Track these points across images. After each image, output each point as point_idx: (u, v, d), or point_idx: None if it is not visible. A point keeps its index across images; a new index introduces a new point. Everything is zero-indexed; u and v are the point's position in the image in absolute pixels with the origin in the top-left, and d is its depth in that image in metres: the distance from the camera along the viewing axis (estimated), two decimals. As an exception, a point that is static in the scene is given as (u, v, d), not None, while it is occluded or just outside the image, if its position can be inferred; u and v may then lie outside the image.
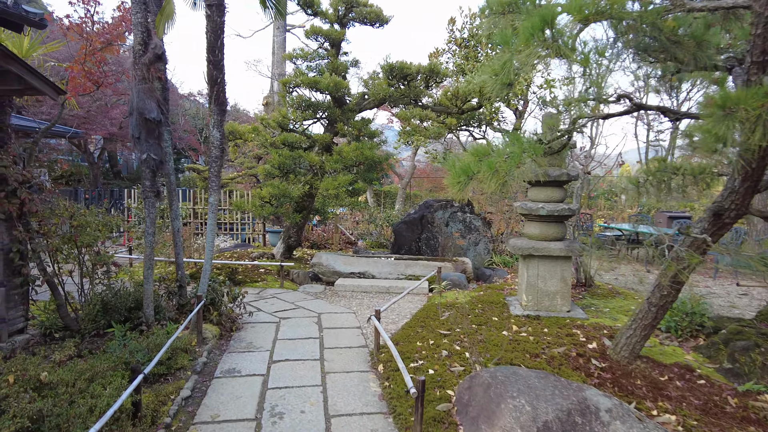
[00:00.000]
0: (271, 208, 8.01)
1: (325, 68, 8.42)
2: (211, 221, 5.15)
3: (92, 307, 5.10)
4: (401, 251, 9.50)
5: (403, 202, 17.65)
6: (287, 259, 9.34)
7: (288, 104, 8.53)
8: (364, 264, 8.25)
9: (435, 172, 28.21)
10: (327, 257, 8.34)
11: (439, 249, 9.21)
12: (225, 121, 5.07)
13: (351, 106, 8.52)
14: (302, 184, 8.06)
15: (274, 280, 8.08)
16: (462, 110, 7.72)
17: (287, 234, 9.23)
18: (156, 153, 4.82)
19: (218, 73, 4.86)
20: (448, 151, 16.07)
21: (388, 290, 7.58)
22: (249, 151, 13.84)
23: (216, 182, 5.05)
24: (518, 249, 5.81)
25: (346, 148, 7.90)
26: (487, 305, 6.13)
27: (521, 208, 5.94)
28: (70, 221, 4.93)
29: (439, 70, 7.60)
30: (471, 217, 9.29)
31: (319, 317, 6.06)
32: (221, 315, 5.63)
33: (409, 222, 9.38)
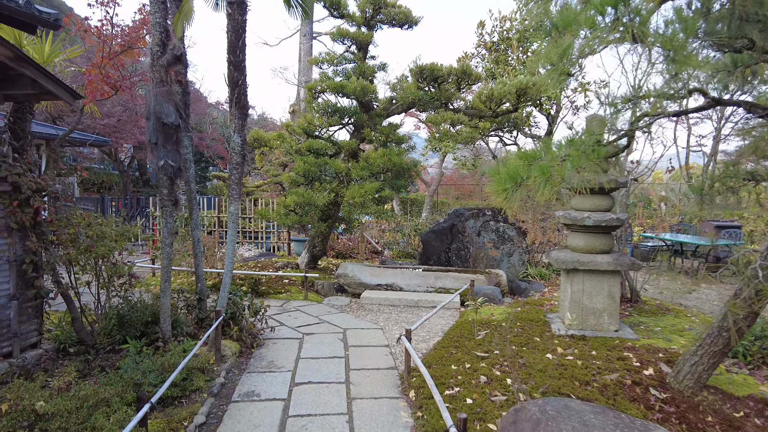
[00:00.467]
0: (296, 216, 7.72)
1: (352, 72, 8.12)
2: (231, 232, 4.86)
3: (108, 321, 4.86)
4: (430, 262, 9.08)
5: (430, 210, 17.21)
6: (312, 269, 9.03)
7: (313, 110, 8.26)
8: (391, 275, 7.86)
9: (462, 179, 27.65)
10: (353, 268, 7.99)
11: (470, 260, 8.75)
12: (246, 126, 4.79)
13: (378, 111, 8.19)
14: (327, 192, 7.75)
15: (298, 292, 7.77)
16: (496, 114, 7.28)
17: (312, 243, 8.93)
18: (174, 159, 4.57)
19: (239, 75, 4.59)
20: (477, 157, 15.59)
21: (416, 304, 7.16)
22: (275, 159, 13.68)
23: (237, 190, 4.76)
24: (561, 263, 5.33)
25: (374, 154, 7.56)
26: (526, 323, 5.65)
27: (564, 218, 5.46)
28: (86, 231, 4.72)
29: (471, 72, 7.20)
30: (504, 227, 8.81)
31: (345, 333, 5.69)
32: (242, 330, 5.32)
33: (438, 231, 8.96)
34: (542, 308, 6.42)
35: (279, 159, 13.46)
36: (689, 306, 7.37)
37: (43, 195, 4.48)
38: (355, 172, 7.62)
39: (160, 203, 4.66)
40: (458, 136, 7.02)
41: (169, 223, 4.70)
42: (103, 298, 5.19)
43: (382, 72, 8.19)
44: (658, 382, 4.02)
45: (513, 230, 8.84)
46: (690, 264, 11.14)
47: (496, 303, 7.13)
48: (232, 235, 4.86)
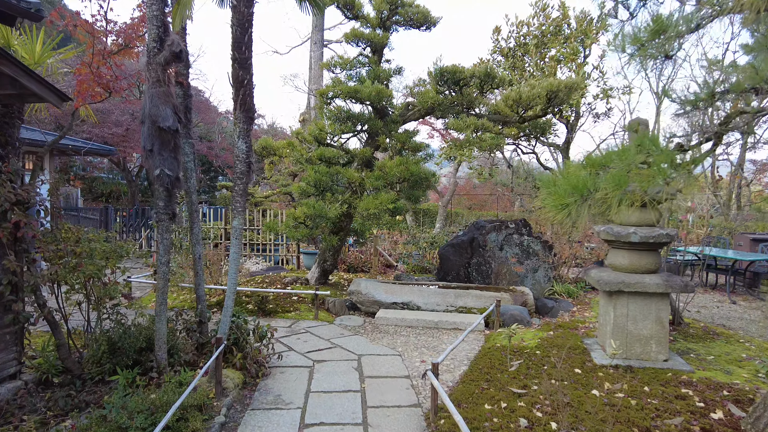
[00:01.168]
0: (306, 229, 7.21)
1: (366, 76, 7.65)
2: (234, 248, 4.35)
3: (97, 347, 4.36)
4: (448, 277, 8.50)
5: (444, 222, 16.64)
6: (322, 285, 8.49)
7: (325, 116, 7.78)
8: (407, 293, 7.30)
9: (473, 189, 27.05)
10: (366, 285, 7.44)
11: (491, 276, 8.16)
12: (253, 132, 4.29)
13: (394, 117, 7.69)
14: (340, 204, 7.24)
15: (308, 310, 7.23)
16: (523, 119, 6.76)
17: (323, 257, 8.40)
18: (171, 168, 4.08)
19: (245, 74, 4.11)
20: (494, 166, 15.02)
21: (436, 325, 6.59)
22: (285, 169, 13.23)
23: (241, 202, 4.26)
24: (604, 284, 4.74)
25: (389, 163, 7.04)
26: (563, 351, 5.06)
27: (606, 234, 4.88)
28: (73, 248, 4.23)
29: (495, 75, 6.69)
30: (529, 240, 8.22)
31: (360, 361, 5.14)
32: (246, 358, 4.78)
33: (457, 245, 8.39)
34: (577, 332, 5.82)
35: (288, 168, 13.01)
36: (734, 328, 6.72)
37: (26, 208, 4.02)
38: (370, 182, 7.11)
39: (156, 217, 4.16)
40: (482, 142, 6.50)
41: (166, 238, 4.20)
42: (96, 320, 4.71)
43: (398, 76, 7.69)
44: (732, 429, 3.42)
45: (538, 244, 8.25)
46: (724, 280, 10.46)
47: (524, 325, 6.54)
48: (235, 252, 4.35)
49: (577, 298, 8.15)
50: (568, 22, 15.04)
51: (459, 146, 6.49)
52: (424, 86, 7.53)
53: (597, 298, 8.23)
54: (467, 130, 6.38)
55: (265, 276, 9.01)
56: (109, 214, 11.80)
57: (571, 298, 8.15)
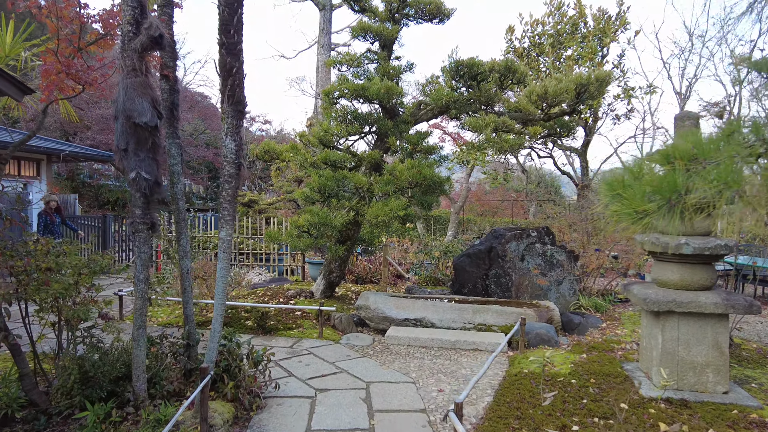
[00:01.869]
0: (310, 239, 6.63)
1: (374, 73, 7.09)
2: (222, 264, 3.77)
3: (66, 376, 3.80)
4: (463, 290, 7.86)
5: (456, 229, 15.99)
6: (328, 298, 7.90)
7: (331, 117, 7.22)
8: (420, 308, 6.67)
9: (485, 195, 26.36)
10: (375, 299, 6.82)
11: (512, 289, 7.51)
12: (242, 127, 3.72)
13: (405, 117, 7.10)
14: (346, 211, 6.66)
15: (312, 327, 6.63)
16: (548, 116, 6.14)
17: (328, 269, 7.81)
18: (149, 170, 3.52)
19: (233, 61, 3.55)
20: (509, 171, 14.37)
21: (453, 345, 5.95)
22: (290, 175, 12.70)
23: (229, 210, 3.68)
24: (651, 303, 4.08)
25: (400, 166, 6.45)
26: (602, 379, 4.40)
27: (651, 244, 4.23)
28: (39, 262, 3.69)
29: (516, 68, 6.09)
30: (552, 250, 7.57)
31: (368, 390, 4.51)
32: (238, 387, 4.19)
33: (473, 255, 7.76)
34: (614, 355, 5.15)
35: (294, 174, 12.48)
36: (788, 348, 6.00)
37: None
38: (379, 187, 6.52)
39: (132, 227, 3.60)
40: (503, 143, 5.89)
41: (143, 252, 3.63)
42: (69, 343, 4.15)
43: (409, 73, 7.12)
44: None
45: (563, 254, 7.59)
46: (761, 291, 9.69)
47: (552, 345, 5.89)
48: (223, 268, 3.76)
49: (605, 313, 7.46)
50: (584, 20, 14.42)
51: (477, 148, 5.88)
52: (437, 83, 6.95)
53: (628, 313, 7.54)
54: (486, 129, 5.77)
55: (267, 288, 8.43)
56: (107, 223, 11.33)
57: (599, 313, 7.46)
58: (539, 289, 7.56)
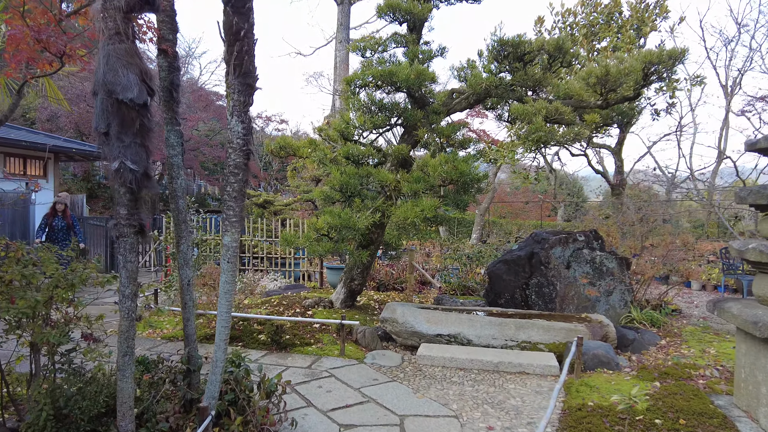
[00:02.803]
0: (330, 243, 5.90)
1: (403, 57, 6.34)
2: (226, 278, 3.04)
3: (38, 412, 3.11)
4: (499, 300, 7.05)
5: (481, 232, 15.14)
6: (349, 308, 7.16)
7: (352, 108, 6.49)
8: (454, 322, 5.88)
9: (507, 196, 25.39)
10: (403, 311, 6.06)
11: (556, 300, 6.68)
12: (252, 105, 2.99)
13: (436, 107, 6.34)
14: (371, 211, 5.91)
15: (333, 342, 5.90)
16: (607, 102, 5.32)
17: (349, 276, 7.07)
18: (136, 160, 2.82)
19: (241, 22, 2.82)
20: (540, 170, 13.49)
21: (496, 368, 5.16)
22: (308, 174, 12.01)
23: (235, 209, 2.95)
24: (758, 325, 3.24)
25: (432, 161, 5.69)
26: (693, 419, 3.56)
27: (754, 253, 3.39)
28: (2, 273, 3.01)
29: (567, 48, 5.28)
30: (602, 257, 6.71)
31: (403, 426, 3.75)
32: (247, 424, 3.46)
33: (511, 262, 6.94)
34: (694, 384, 4.30)
35: (312, 173, 11.79)
36: None
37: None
38: (407, 186, 5.76)
39: (115, 230, 2.90)
40: (555, 135, 5.07)
41: (130, 261, 2.92)
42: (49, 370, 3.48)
43: (440, 58, 6.35)
44: None
45: (613, 261, 6.73)
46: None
47: (611, 368, 5.05)
48: (227, 282, 3.04)
49: (662, 327, 6.58)
50: (619, 9, 13.49)
51: (526, 138, 5.07)
52: (473, 68, 6.16)
53: (689, 328, 6.65)
54: (537, 117, 4.97)
55: (282, 296, 7.72)
56: (115, 225, 10.74)
57: (655, 328, 6.59)
58: (586, 301, 6.72)
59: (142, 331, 6.58)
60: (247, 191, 14.58)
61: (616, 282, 6.75)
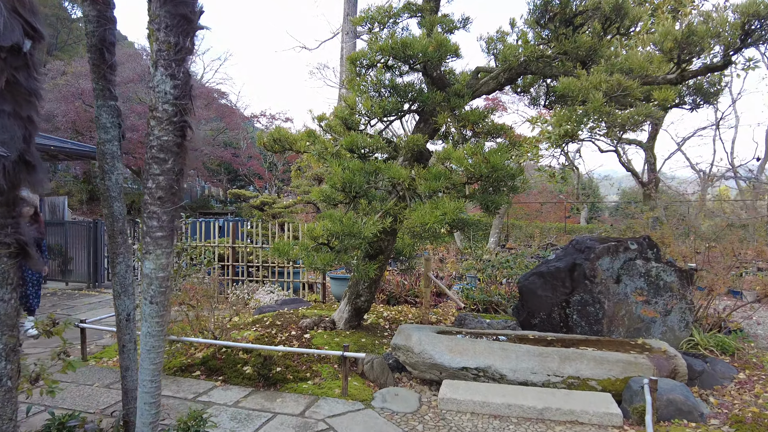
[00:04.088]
0: (330, 254, 4.81)
1: (418, 29, 5.26)
2: (150, 329, 1.94)
3: None
4: (533, 320, 5.93)
5: (499, 235, 13.98)
6: (354, 329, 6.08)
7: (358, 91, 5.40)
8: (483, 352, 4.76)
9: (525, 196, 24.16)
10: (419, 336, 4.95)
11: (603, 321, 5.53)
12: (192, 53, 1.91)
13: (458, 89, 5.23)
14: (380, 215, 4.81)
15: (333, 376, 4.81)
16: (682, 76, 4.20)
17: (354, 291, 5.99)
18: (3, 138, 1.74)
19: None
20: (566, 167, 12.30)
21: (541, 415, 4.03)
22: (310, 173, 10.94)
23: (162, 218, 1.83)
24: None
25: (456, 153, 4.58)
26: None
27: None
28: None
29: (627, 9, 4.17)
30: (658, 269, 5.56)
31: None
32: None
33: (548, 275, 5.81)
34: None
35: (314, 171, 10.71)
36: None
37: None
38: (425, 184, 4.66)
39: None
40: (615, 117, 3.95)
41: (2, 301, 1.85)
42: None
43: (463, 31, 5.25)
44: None
45: (672, 274, 5.57)
46: None
47: (694, 419, 3.90)
48: (150, 335, 1.94)
49: (736, 356, 5.41)
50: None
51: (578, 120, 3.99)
52: (503, 40, 5.05)
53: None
54: (595, 93, 3.84)
55: (278, 313, 6.65)
56: (99, 229, 9.78)
57: (728, 356, 5.42)
58: (639, 322, 5.57)
59: (110, 358, 5.56)
60: (237, 191, 13.49)
61: (675, 299, 5.59)
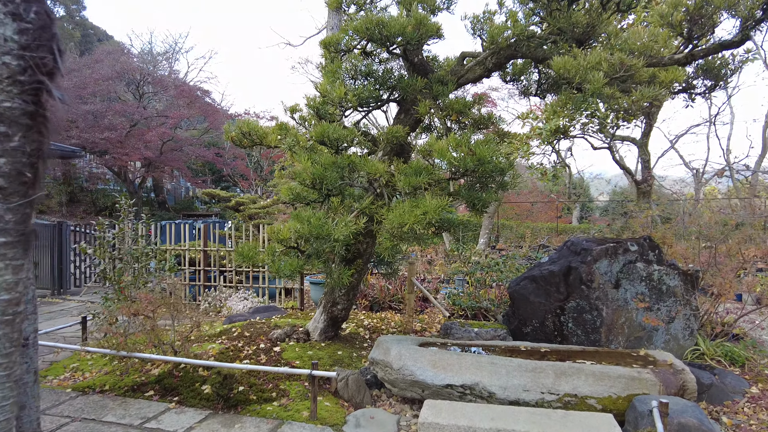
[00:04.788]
0: (298, 259, 4.30)
1: (396, 7, 4.75)
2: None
3: None
4: (525, 329, 5.45)
5: (489, 236, 13.53)
6: (331, 340, 5.57)
7: (333, 78, 4.88)
8: (470, 367, 4.26)
9: (515, 195, 23.76)
10: (399, 350, 4.44)
11: (601, 329, 5.07)
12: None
13: (441, 76, 4.74)
14: (355, 215, 4.30)
15: (302, 396, 4.29)
16: (692, 54, 3.73)
17: (330, 299, 5.47)
18: None
19: None
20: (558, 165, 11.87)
21: (536, 442, 3.53)
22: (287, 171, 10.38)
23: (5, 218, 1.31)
24: None
25: (438, 144, 4.09)
26: None
27: None
28: None
29: (630, -20, 3.70)
30: (661, 272, 5.11)
31: None
32: None
33: (541, 279, 5.34)
34: None
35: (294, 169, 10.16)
36: None
37: None
38: (404, 179, 4.15)
39: None
40: (618, 101, 3.48)
41: None
42: None
43: (447, 12, 4.76)
44: None
45: (675, 277, 5.13)
46: None
47: (709, 447, 3.43)
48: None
49: (746, 367, 4.96)
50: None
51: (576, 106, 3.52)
52: (491, 21, 4.56)
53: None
54: (594, 73, 3.35)
55: (248, 323, 6.11)
56: (63, 233, 9.14)
57: (738, 367, 4.98)
58: (640, 330, 5.11)
59: (55, 376, 4.98)
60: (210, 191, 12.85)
61: (679, 305, 5.14)
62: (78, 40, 32.94)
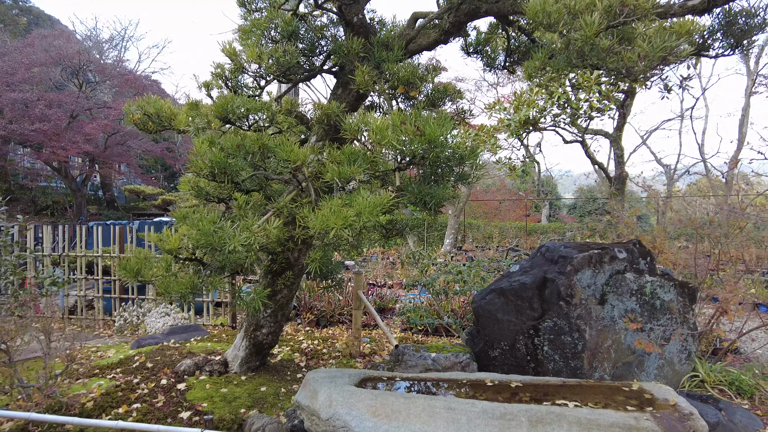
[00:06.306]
0: (190, 276, 3.20)
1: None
2: None
3: None
4: (492, 352, 4.50)
5: (455, 236, 12.63)
6: (255, 372, 4.49)
7: (247, 38, 3.79)
8: (421, 414, 3.25)
9: (483, 193, 23.02)
10: (329, 392, 3.40)
11: (583, 355, 4.15)
12: None
13: (386, 39, 3.70)
14: (267, 218, 3.24)
15: (200, 458, 3.17)
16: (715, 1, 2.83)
17: (253, 320, 4.39)
18: None
19: None
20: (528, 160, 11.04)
21: None
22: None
23: None
24: None
25: (378, 123, 3.07)
26: None
27: None
28: None
29: None
30: (654, 284, 4.23)
31: None
32: None
33: (511, 292, 4.39)
34: None
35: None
36: None
37: None
38: (334, 170, 3.09)
39: None
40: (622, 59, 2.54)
41: None
42: None
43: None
44: None
45: (671, 290, 4.26)
46: None
47: None
48: None
49: (756, 398, 4.14)
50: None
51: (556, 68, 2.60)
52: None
53: (792, 397, 4.23)
54: (585, 18, 2.39)
55: (159, 347, 4.95)
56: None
57: (744, 398, 4.14)
58: (629, 353, 4.22)
59: None
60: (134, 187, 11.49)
61: (675, 323, 4.28)
62: (24, 27, 30.76)
